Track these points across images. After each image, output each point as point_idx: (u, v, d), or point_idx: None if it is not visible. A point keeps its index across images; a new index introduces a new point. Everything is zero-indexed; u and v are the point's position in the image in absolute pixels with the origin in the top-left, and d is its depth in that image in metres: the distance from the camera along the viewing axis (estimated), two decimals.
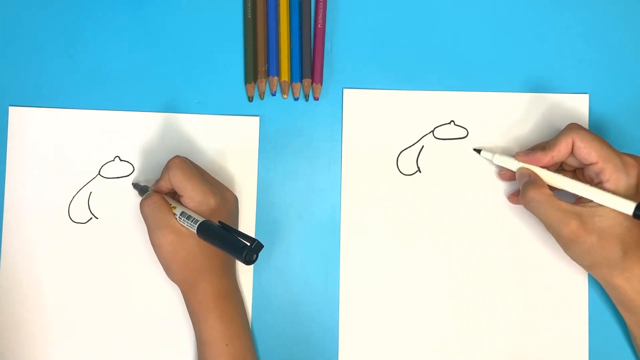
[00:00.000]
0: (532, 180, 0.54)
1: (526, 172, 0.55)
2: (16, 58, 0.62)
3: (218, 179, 0.59)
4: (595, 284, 0.59)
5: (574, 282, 0.60)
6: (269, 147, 0.61)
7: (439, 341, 0.60)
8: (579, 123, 0.55)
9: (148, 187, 0.59)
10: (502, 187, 0.61)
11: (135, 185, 0.60)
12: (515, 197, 0.60)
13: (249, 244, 0.50)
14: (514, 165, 0.57)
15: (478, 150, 0.60)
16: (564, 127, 0.60)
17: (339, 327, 0.60)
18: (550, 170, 0.55)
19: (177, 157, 0.56)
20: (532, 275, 0.60)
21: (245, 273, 0.61)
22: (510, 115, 0.61)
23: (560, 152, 0.54)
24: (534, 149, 0.57)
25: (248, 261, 0.49)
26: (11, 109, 0.61)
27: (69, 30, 0.62)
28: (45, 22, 0.62)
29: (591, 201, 0.53)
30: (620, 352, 0.60)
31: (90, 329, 0.60)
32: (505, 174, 0.60)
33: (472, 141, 0.61)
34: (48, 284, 0.60)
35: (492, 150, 0.59)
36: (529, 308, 0.60)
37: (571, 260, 0.56)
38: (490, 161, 0.59)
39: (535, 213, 0.54)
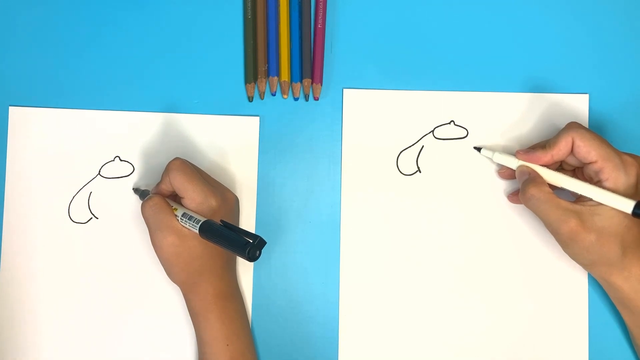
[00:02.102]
0: (532, 178, 0.54)
1: (526, 170, 0.55)
2: (16, 58, 0.62)
3: (218, 179, 0.59)
4: (595, 284, 0.59)
5: (574, 282, 0.60)
6: (269, 147, 0.61)
7: (439, 341, 0.60)
8: (579, 123, 0.55)
9: (149, 191, 0.59)
10: (502, 187, 0.61)
11: (136, 190, 0.60)
12: (515, 196, 0.60)
13: (251, 240, 0.50)
14: (514, 163, 0.57)
15: (478, 149, 0.60)
16: (563, 127, 0.60)
17: (339, 327, 0.60)
18: (550, 169, 0.55)
19: (177, 159, 0.56)
20: (532, 275, 0.60)
21: (245, 273, 0.61)
22: (510, 115, 0.61)
23: (560, 150, 0.54)
24: (534, 147, 0.57)
25: (251, 258, 0.49)
26: (11, 109, 0.61)
27: (69, 31, 0.62)
28: (45, 22, 0.62)
29: (591, 200, 0.53)
30: (620, 352, 0.60)
31: (91, 329, 0.60)
32: (505, 173, 0.60)
33: (472, 141, 0.61)
34: (48, 284, 0.60)
35: (493, 149, 0.59)
36: (529, 308, 0.60)
37: (571, 260, 0.56)
38: (491, 159, 0.59)
39: (534, 211, 0.54)
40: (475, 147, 0.61)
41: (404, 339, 0.60)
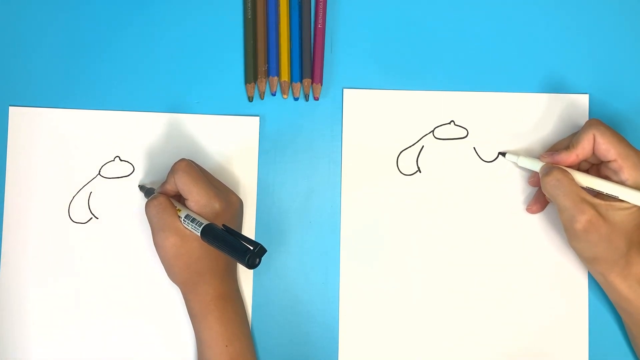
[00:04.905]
0: (557, 166, 0.55)
1: (550, 165, 0.55)
2: (16, 58, 0.62)
3: (218, 179, 0.59)
4: (596, 284, 0.59)
5: (574, 282, 0.60)
6: (269, 147, 0.61)
7: (439, 341, 0.60)
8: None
9: (154, 190, 0.59)
10: (501, 187, 0.61)
11: (142, 188, 0.60)
12: (534, 205, 0.60)
13: (252, 247, 0.50)
14: (538, 166, 0.57)
15: (503, 153, 0.60)
16: (564, 127, 0.60)
17: (339, 327, 0.60)
18: (574, 170, 0.55)
19: (183, 160, 0.56)
20: (532, 275, 0.60)
21: (245, 273, 0.61)
22: (510, 115, 0.61)
23: (584, 149, 0.54)
24: (557, 148, 0.57)
25: (251, 265, 0.49)
26: (11, 109, 0.61)
27: (69, 30, 0.62)
28: (45, 22, 0.62)
29: (610, 196, 0.53)
30: (620, 352, 0.60)
31: (91, 329, 0.60)
32: (534, 180, 0.60)
33: (472, 141, 0.61)
34: (48, 284, 0.60)
35: (517, 153, 0.59)
36: (529, 308, 0.60)
37: (572, 260, 0.56)
38: (515, 164, 0.59)
39: (554, 194, 0.54)
40: (500, 153, 0.60)
41: (404, 339, 0.60)
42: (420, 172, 0.61)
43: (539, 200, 0.59)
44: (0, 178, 0.61)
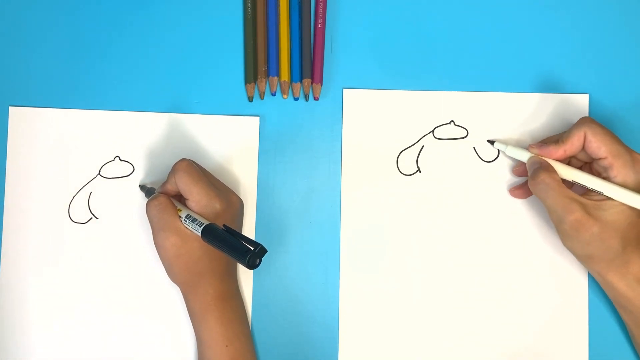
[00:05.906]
0: (544, 166, 0.55)
1: (537, 160, 0.55)
2: (16, 58, 0.62)
3: (219, 180, 0.59)
4: (596, 284, 0.59)
5: (574, 282, 0.60)
6: (269, 147, 0.61)
7: (439, 341, 0.60)
8: (592, 118, 0.55)
9: (155, 189, 0.59)
10: (501, 187, 0.61)
11: (142, 187, 0.60)
12: (517, 190, 0.60)
13: (252, 248, 0.50)
14: (526, 157, 0.57)
15: (491, 142, 0.60)
16: (563, 127, 0.60)
17: (339, 327, 0.60)
18: (561, 163, 0.55)
19: (183, 160, 0.56)
20: (532, 275, 0.60)
21: (245, 273, 0.61)
22: (510, 115, 0.61)
23: (573, 145, 0.54)
24: (547, 142, 0.57)
25: (251, 265, 0.49)
26: (11, 109, 0.61)
27: (69, 30, 0.62)
28: (45, 23, 0.62)
29: (598, 195, 0.53)
30: (620, 352, 0.60)
31: (91, 329, 0.60)
32: (519, 170, 0.60)
33: (472, 141, 0.61)
34: (48, 284, 0.60)
35: (506, 142, 0.59)
36: (529, 308, 0.60)
37: (571, 260, 0.55)
38: (503, 152, 0.59)
39: (542, 197, 0.54)
40: (488, 141, 0.60)
41: (404, 339, 0.60)
42: (420, 172, 0.61)
43: (524, 187, 0.59)
44: (0, 178, 0.61)
